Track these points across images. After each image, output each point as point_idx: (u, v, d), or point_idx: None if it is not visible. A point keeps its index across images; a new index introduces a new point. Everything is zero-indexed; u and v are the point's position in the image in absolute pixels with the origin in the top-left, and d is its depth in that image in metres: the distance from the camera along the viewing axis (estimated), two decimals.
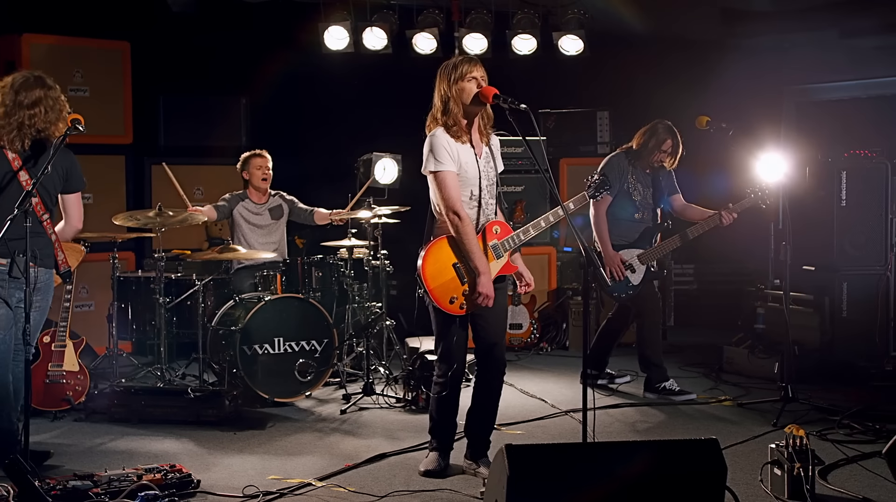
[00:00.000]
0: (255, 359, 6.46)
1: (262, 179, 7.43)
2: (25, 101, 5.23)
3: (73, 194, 5.39)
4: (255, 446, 5.60)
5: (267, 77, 8.86)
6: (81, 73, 7.88)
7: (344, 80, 8.90)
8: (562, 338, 8.68)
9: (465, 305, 4.84)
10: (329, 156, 8.83)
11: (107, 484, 4.53)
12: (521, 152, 8.72)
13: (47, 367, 6.14)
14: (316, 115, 9.04)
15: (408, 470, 5.11)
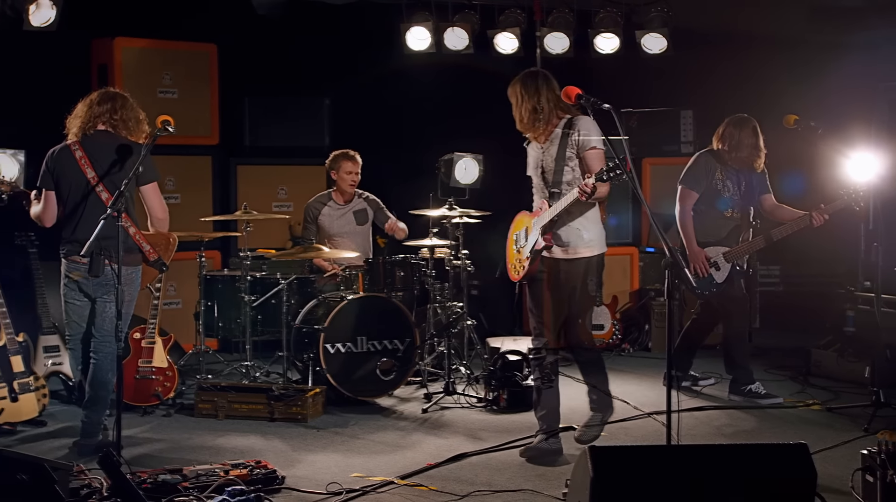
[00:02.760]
0: (338, 357, 6.52)
1: (350, 184, 7.51)
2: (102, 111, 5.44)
3: (148, 185, 5.54)
4: (338, 444, 5.66)
5: (350, 78, 8.94)
6: (170, 75, 8.04)
7: (425, 80, 8.93)
8: (644, 339, 8.60)
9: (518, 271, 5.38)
10: (410, 156, 8.86)
11: (195, 478, 4.62)
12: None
13: (137, 363, 6.29)
14: (397, 115, 9.09)
15: (489, 470, 5.11)
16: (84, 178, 6.12)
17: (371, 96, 9.05)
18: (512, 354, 6.56)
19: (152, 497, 4.30)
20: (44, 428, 5.91)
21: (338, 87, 8.86)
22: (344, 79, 8.91)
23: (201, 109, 8.20)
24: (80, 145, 6.17)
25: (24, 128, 7.66)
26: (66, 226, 5.97)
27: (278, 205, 8.52)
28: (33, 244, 6.48)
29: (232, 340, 7.42)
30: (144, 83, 7.89)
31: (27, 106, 7.82)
